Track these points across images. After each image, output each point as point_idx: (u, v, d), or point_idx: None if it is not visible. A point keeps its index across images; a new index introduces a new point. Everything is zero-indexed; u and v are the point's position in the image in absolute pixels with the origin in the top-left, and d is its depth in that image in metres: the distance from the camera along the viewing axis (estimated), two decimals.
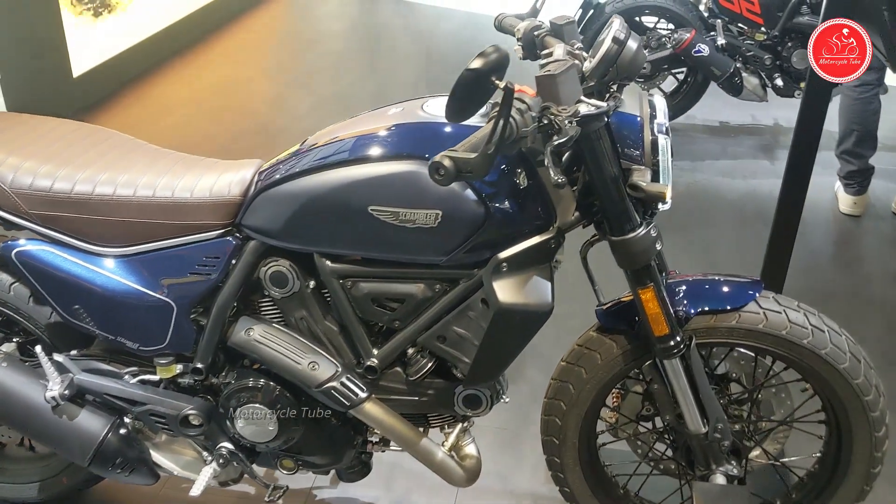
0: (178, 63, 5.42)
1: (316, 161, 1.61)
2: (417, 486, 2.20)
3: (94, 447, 1.77)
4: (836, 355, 1.70)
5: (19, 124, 1.90)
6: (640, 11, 4.42)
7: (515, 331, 1.61)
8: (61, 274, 1.71)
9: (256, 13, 6.59)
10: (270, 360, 1.71)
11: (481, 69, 1.14)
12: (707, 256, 3.41)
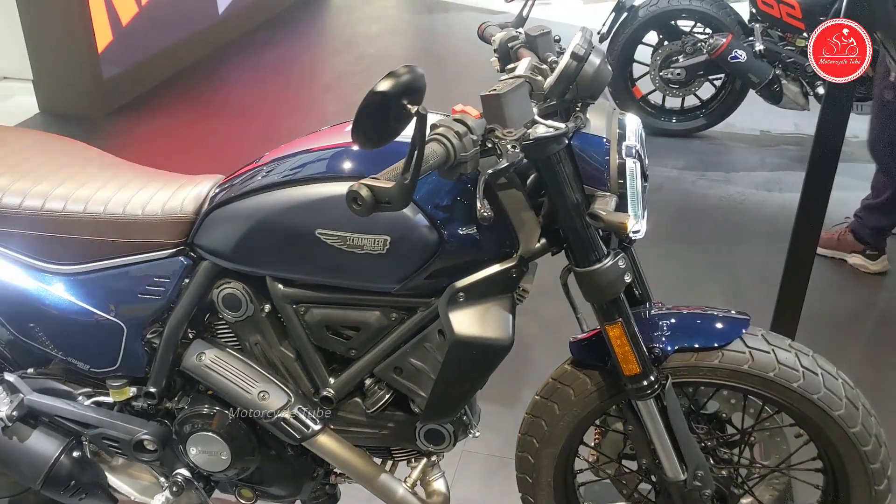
0: (212, 65, 5.43)
1: (266, 179, 1.53)
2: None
3: (45, 470, 1.72)
4: (830, 401, 1.55)
5: None
6: (677, 15, 4.25)
7: (472, 365, 1.50)
8: (10, 291, 1.65)
9: (297, 15, 6.58)
10: (219, 388, 1.63)
11: (389, 92, 1.04)
12: (729, 277, 3.24)
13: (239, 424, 1.67)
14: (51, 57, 4.57)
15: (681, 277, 3.26)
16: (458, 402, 1.55)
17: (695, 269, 3.33)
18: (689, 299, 2.84)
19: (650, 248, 3.33)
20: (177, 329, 1.64)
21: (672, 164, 4.10)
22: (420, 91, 1.07)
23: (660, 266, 3.29)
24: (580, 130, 1.39)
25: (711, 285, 3.19)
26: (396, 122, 1.06)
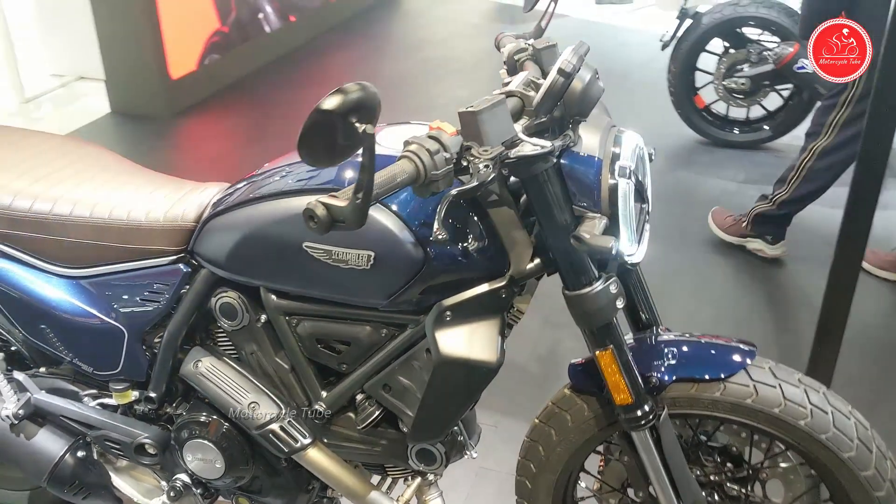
0: (279, 68, 5.51)
1: (261, 189, 1.52)
2: None
3: (49, 468, 1.76)
4: (839, 442, 1.45)
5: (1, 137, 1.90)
6: (743, 22, 4.10)
7: (457, 386, 1.46)
8: (19, 293, 1.70)
9: (366, 19, 6.64)
10: (212, 396, 1.64)
11: (333, 110, 1.01)
12: (776, 300, 3.11)
13: (233, 434, 1.67)
14: (121, 58, 4.71)
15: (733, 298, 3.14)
16: (444, 423, 1.51)
17: (750, 288, 3.21)
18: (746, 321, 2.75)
19: (704, 262, 3.28)
20: (176, 335, 1.65)
21: (732, 176, 3.96)
22: (371, 109, 1.04)
23: (710, 284, 3.19)
24: (570, 149, 1.34)
25: (761, 306, 3.06)
26: (346, 141, 1.04)
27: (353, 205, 1.04)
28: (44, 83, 5.28)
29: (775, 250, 3.30)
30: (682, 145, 4.21)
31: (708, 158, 4.12)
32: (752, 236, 3.33)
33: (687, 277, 3.25)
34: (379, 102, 1.05)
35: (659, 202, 3.75)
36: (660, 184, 3.93)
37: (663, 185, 3.97)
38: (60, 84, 5.26)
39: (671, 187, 3.94)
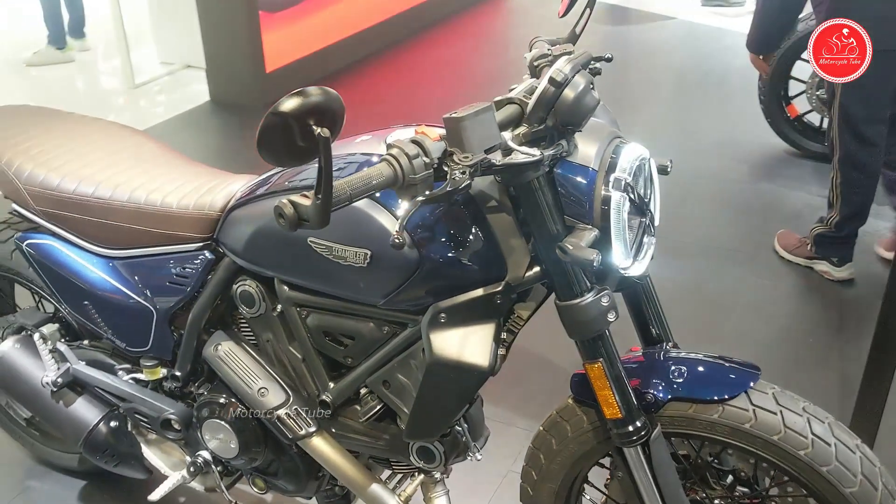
0: (371, 64, 5.62)
1: (280, 184, 1.58)
2: None
3: (84, 434, 1.88)
4: (840, 476, 1.39)
5: (43, 117, 2.03)
6: None
7: (448, 388, 1.48)
8: (61, 269, 1.82)
9: (467, 17, 6.67)
10: (227, 379, 1.71)
11: (287, 113, 1.04)
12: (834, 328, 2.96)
13: (248, 417, 1.74)
14: (221, 50, 4.92)
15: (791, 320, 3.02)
16: (437, 423, 1.53)
17: (808, 313, 3.08)
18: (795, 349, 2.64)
19: (770, 279, 3.16)
20: (199, 318, 1.74)
21: (818, 191, 3.79)
22: (330, 112, 1.07)
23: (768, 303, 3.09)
24: (566, 158, 1.33)
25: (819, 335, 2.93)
26: (305, 143, 1.07)
27: (314, 205, 1.07)
28: (153, 70, 5.57)
29: (842, 272, 3.16)
30: (769, 155, 4.06)
31: (795, 171, 3.96)
32: (817, 258, 3.21)
33: (747, 294, 3.14)
34: (342, 108, 1.08)
35: (735, 213, 3.67)
36: (740, 194, 3.84)
37: (743, 196, 3.85)
38: (168, 72, 5.54)
39: (751, 199, 3.81)
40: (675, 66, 5.71)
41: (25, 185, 1.81)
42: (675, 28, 6.37)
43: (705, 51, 5.76)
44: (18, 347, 1.94)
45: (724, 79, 5.21)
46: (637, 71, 5.55)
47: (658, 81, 5.44)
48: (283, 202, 1.10)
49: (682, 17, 6.54)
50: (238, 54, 4.88)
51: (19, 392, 1.93)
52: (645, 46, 6.10)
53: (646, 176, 1.43)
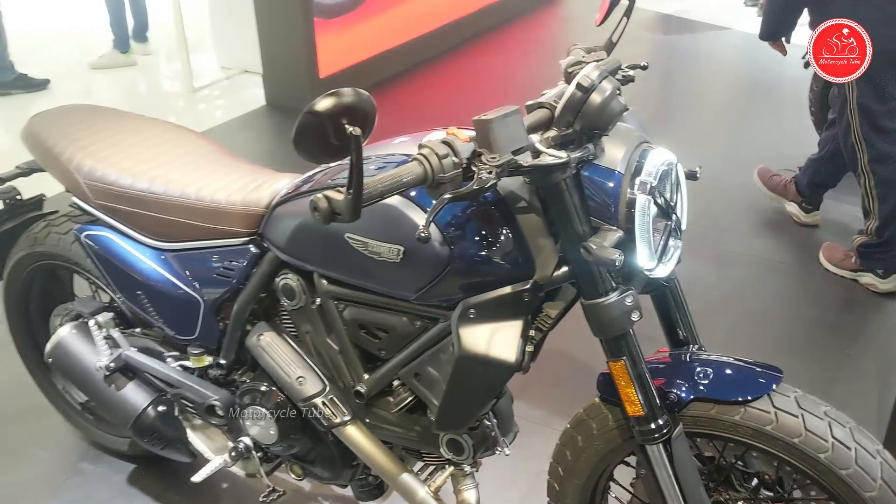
0: (424, 70, 5.71)
1: (317, 182, 1.65)
2: None
3: (133, 417, 1.98)
4: (860, 480, 1.41)
5: (104, 116, 2.14)
6: None
7: (476, 382, 1.53)
8: (117, 260, 1.92)
9: (521, 24, 6.72)
10: (267, 368, 1.79)
11: (321, 112, 1.11)
12: (878, 345, 2.93)
13: (287, 405, 1.81)
14: (277, 56, 5.06)
15: (830, 333, 3.00)
16: (465, 415, 1.58)
17: (852, 327, 3.06)
18: (833, 366, 2.63)
19: (814, 290, 3.15)
20: (244, 309, 1.82)
21: None
22: (362, 112, 1.13)
23: (809, 314, 3.07)
24: (593, 161, 1.38)
25: (858, 351, 2.91)
26: (338, 141, 1.13)
27: (346, 200, 1.14)
28: (213, 74, 5.74)
29: (887, 284, 3.13)
30: None
31: (843, 183, 3.92)
32: (862, 271, 3.18)
33: (789, 305, 3.14)
34: (373, 109, 1.15)
35: (781, 225, 3.64)
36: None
37: None
38: (226, 76, 5.71)
39: None
40: (726, 75, 5.70)
41: (85, 179, 1.92)
42: (729, 38, 6.34)
43: (757, 61, 5.71)
44: (75, 333, 2.05)
45: (775, 90, 5.17)
46: (687, 80, 5.54)
47: (708, 91, 5.43)
48: (318, 197, 1.17)
49: (737, 27, 6.50)
50: (293, 60, 5.01)
51: (75, 375, 2.04)
52: (697, 56, 6.09)
53: (673, 181, 1.47)
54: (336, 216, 1.17)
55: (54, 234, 2.12)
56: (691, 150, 4.32)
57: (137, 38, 6.15)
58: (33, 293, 2.35)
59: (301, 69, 5.01)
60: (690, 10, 6.99)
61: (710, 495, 1.61)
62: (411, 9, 5.70)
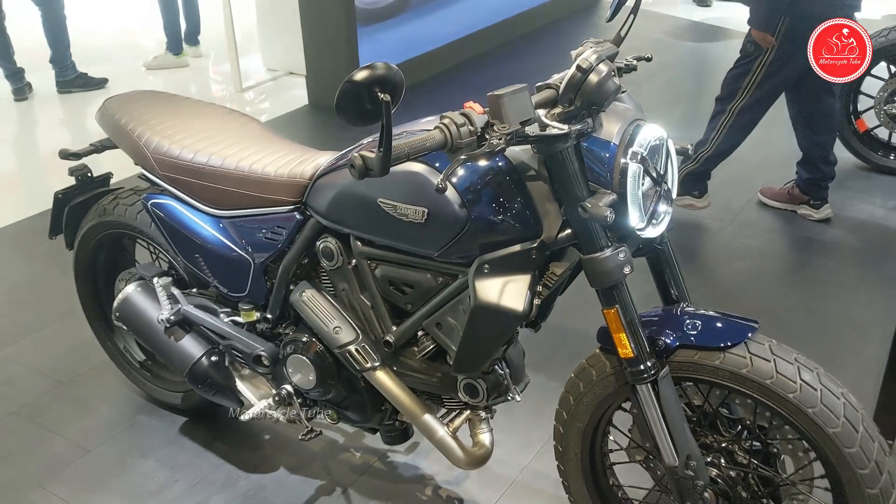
0: (459, 72, 5.95)
1: None
2: None
3: (189, 366, 2.23)
4: (825, 417, 1.60)
5: (170, 101, 2.41)
6: None
7: (489, 329, 1.75)
8: (178, 225, 2.18)
9: (558, 29, 6.93)
10: (308, 319, 2.03)
11: (359, 81, 1.33)
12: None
13: (325, 353, 2.05)
14: (321, 58, 5.34)
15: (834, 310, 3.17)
16: (479, 359, 1.80)
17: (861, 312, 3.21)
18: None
19: (822, 273, 3.32)
20: (288, 270, 2.06)
21: (881, 202, 3.91)
22: (392, 82, 1.36)
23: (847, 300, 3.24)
24: (592, 134, 1.60)
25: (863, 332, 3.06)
26: (371, 106, 1.37)
27: (377, 157, 1.37)
28: (259, 76, 6.05)
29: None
30: (837, 168, 4.16)
31: (863, 184, 4.08)
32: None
33: (798, 289, 3.31)
34: (402, 81, 1.38)
35: (802, 224, 3.77)
36: None
37: None
38: (272, 77, 6.01)
39: None
40: None
41: (153, 153, 2.18)
42: None
43: None
44: (140, 291, 2.32)
45: None
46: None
47: None
48: (354, 156, 1.41)
49: None
50: (335, 62, 5.28)
51: (138, 327, 2.30)
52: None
53: (663, 154, 1.68)
54: (369, 172, 1.40)
55: (121, 205, 2.39)
56: None
57: (189, 41, 6.48)
58: (100, 261, 2.62)
59: (343, 71, 5.24)
60: (725, 17, 7.14)
61: (698, 439, 1.81)
62: (450, 14, 5.96)
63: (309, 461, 2.45)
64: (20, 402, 2.74)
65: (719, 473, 1.79)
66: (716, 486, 1.78)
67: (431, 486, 2.36)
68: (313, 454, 2.48)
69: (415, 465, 2.43)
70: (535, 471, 2.38)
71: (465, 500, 2.31)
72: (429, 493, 2.34)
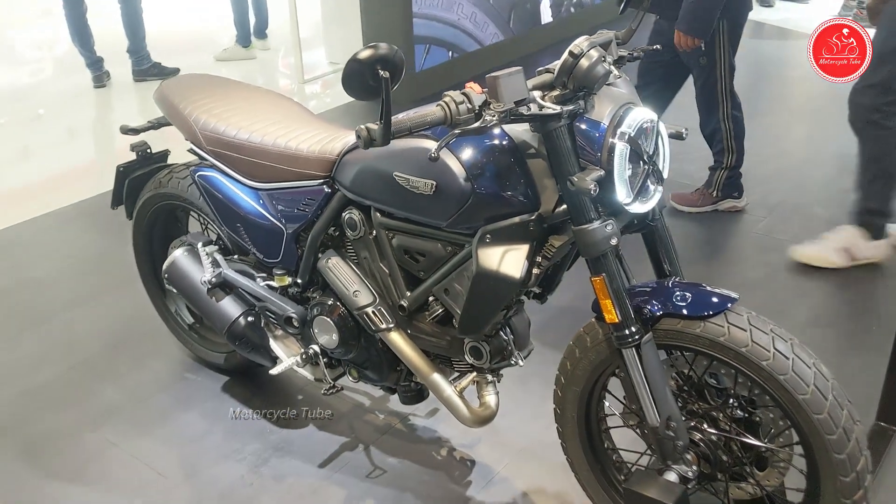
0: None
1: None
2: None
3: (227, 324, 2.44)
4: (795, 384, 1.71)
5: (220, 84, 2.64)
6: None
7: (489, 294, 1.90)
8: (221, 195, 2.39)
9: None
10: (332, 284, 2.22)
11: (362, 60, 1.50)
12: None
13: (347, 316, 2.24)
14: None
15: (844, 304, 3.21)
16: (480, 322, 1.96)
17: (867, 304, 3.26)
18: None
19: None
20: (316, 239, 2.25)
21: None
22: (392, 62, 1.52)
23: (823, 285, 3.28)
24: (584, 114, 1.74)
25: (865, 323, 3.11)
26: (374, 82, 1.54)
27: (379, 128, 1.55)
28: (322, 68, 6.30)
29: (743, 202, 3.99)
30: None
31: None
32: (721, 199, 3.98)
33: (808, 279, 3.37)
34: (402, 61, 1.55)
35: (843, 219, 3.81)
36: (826, 194, 4.01)
37: (830, 195, 4.04)
38: (333, 70, 6.25)
39: (837, 199, 4.01)
40: (802, 79, 5.82)
41: (201, 130, 2.40)
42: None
43: None
44: (186, 254, 2.55)
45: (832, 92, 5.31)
46: (765, 83, 5.74)
47: (785, 94, 5.60)
48: (360, 127, 1.58)
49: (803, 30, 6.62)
50: None
51: (184, 287, 2.53)
52: (775, 60, 6.24)
53: (654, 135, 1.81)
54: (373, 141, 1.58)
55: (175, 178, 2.62)
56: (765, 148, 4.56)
57: (258, 34, 6.78)
58: (156, 231, 2.86)
59: None
60: (788, 18, 7.12)
61: (685, 406, 1.94)
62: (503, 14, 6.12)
63: (335, 420, 2.65)
64: (81, 358, 3.01)
65: (702, 438, 1.91)
66: (697, 449, 1.90)
67: (446, 447, 2.53)
68: (340, 414, 2.67)
69: (433, 428, 2.60)
70: (543, 440, 2.51)
71: (477, 462, 2.47)
72: (444, 453, 2.51)
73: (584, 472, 2.14)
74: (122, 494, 2.40)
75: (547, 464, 2.41)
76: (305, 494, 2.37)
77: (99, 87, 6.04)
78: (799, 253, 3.52)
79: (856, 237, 3.43)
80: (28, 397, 2.82)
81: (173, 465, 2.50)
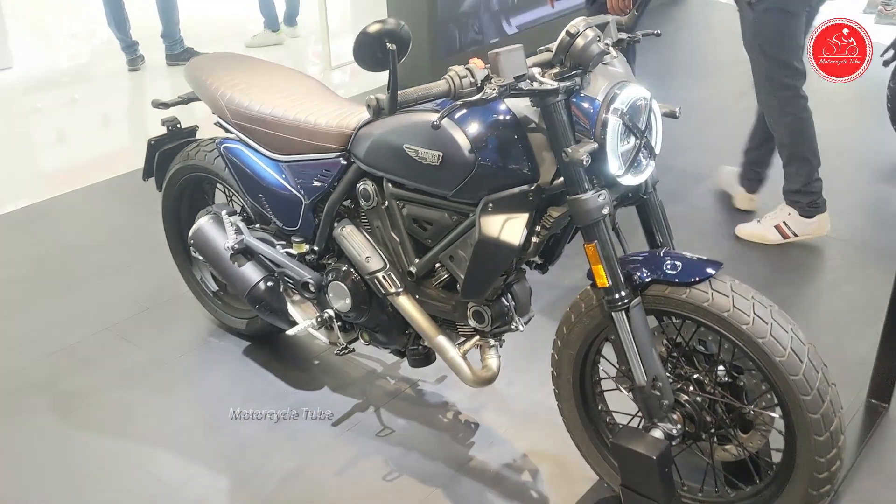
0: None
1: None
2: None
3: (248, 288, 2.60)
4: (773, 347, 1.82)
5: (246, 62, 2.79)
6: None
7: (488, 259, 2.03)
8: (245, 166, 2.54)
9: None
10: (346, 251, 2.36)
11: (371, 33, 1.63)
12: None
13: (359, 281, 2.38)
14: None
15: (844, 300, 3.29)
16: (481, 286, 2.09)
17: None
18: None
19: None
20: (332, 208, 2.40)
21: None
22: (399, 35, 1.66)
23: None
24: (580, 91, 1.86)
25: None
26: (382, 55, 1.67)
27: (386, 98, 1.68)
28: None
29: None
30: (892, 161, 4.24)
31: None
32: None
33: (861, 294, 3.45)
34: (408, 35, 1.68)
35: (851, 215, 3.88)
36: (857, 195, 4.07)
37: (861, 199, 4.08)
38: None
39: (871, 202, 4.06)
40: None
41: (227, 105, 2.55)
42: None
43: None
44: (211, 222, 2.70)
45: (855, 85, 5.34)
46: None
47: None
48: (370, 98, 1.72)
49: None
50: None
51: (208, 252, 2.69)
52: None
53: (647, 112, 1.92)
54: (381, 110, 1.71)
55: (202, 151, 2.78)
56: None
57: (288, 22, 6.95)
58: (183, 202, 3.02)
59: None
60: None
61: (674, 370, 2.06)
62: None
63: (349, 384, 2.79)
64: (111, 321, 3.19)
65: (688, 399, 2.02)
66: (683, 410, 2.02)
67: (452, 411, 2.66)
68: (353, 379, 2.82)
69: (440, 393, 2.74)
70: (547, 405, 2.64)
71: (481, 425, 2.60)
72: (450, 416, 2.64)
73: (579, 431, 2.27)
74: (148, 445, 2.56)
75: (548, 427, 2.53)
76: (318, 450, 2.52)
77: (133, 71, 6.24)
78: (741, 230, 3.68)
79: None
80: (61, 356, 3.00)
81: (196, 421, 2.67)
